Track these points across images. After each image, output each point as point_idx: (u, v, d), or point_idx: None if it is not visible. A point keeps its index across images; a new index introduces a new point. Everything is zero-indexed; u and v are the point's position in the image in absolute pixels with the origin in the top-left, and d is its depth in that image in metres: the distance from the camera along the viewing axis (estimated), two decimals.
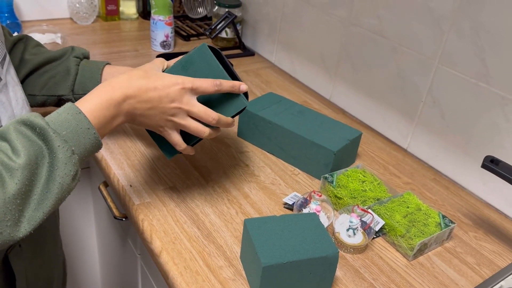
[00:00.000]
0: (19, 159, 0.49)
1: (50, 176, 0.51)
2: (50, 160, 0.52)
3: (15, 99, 0.64)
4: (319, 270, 0.64)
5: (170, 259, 0.69)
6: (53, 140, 0.52)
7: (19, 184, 0.48)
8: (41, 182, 0.51)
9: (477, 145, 0.90)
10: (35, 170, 0.50)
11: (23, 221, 0.49)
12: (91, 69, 0.82)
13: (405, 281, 0.71)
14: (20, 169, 0.48)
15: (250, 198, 0.83)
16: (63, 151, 0.52)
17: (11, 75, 0.65)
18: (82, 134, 0.55)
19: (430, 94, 0.97)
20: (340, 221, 0.77)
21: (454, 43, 0.90)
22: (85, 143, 0.55)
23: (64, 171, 0.52)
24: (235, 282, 0.66)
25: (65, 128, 0.53)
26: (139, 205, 0.78)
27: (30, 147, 0.50)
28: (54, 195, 0.52)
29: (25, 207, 0.50)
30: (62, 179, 0.52)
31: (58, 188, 0.52)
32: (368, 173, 0.88)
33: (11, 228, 0.48)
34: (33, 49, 0.83)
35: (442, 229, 0.76)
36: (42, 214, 0.51)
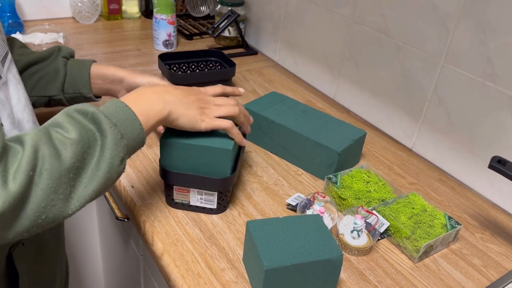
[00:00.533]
0: (71, 135, 0.52)
1: (101, 155, 0.54)
2: (101, 142, 0.54)
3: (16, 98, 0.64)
4: (323, 273, 0.63)
5: (172, 261, 0.68)
6: (104, 123, 0.55)
7: (73, 158, 0.50)
8: (93, 160, 0.53)
9: (483, 145, 0.89)
10: (87, 148, 0.53)
11: (73, 197, 0.51)
12: (79, 68, 0.83)
13: (411, 283, 0.70)
14: (74, 144, 0.51)
15: (253, 199, 0.82)
16: (114, 133, 0.55)
17: (13, 73, 0.65)
18: (129, 123, 0.58)
19: (436, 93, 0.95)
20: (344, 223, 0.75)
21: (459, 42, 0.89)
22: (132, 132, 0.58)
23: (114, 151, 0.55)
24: (237, 284, 0.65)
25: (114, 116, 0.57)
26: (141, 206, 0.77)
27: (82, 129, 0.53)
28: (104, 174, 0.54)
29: (77, 183, 0.52)
30: (112, 159, 0.55)
31: (107, 167, 0.54)
32: (372, 174, 0.87)
33: (62, 202, 0.50)
34: (19, 50, 0.83)
35: (448, 231, 0.75)
36: (92, 192, 0.53)
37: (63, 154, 0.50)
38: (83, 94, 0.83)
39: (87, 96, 0.84)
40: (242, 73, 1.29)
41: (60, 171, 0.49)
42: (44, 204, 0.48)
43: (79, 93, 0.83)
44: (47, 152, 0.49)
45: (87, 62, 0.84)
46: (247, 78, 1.28)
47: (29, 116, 0.67)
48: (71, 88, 0.82)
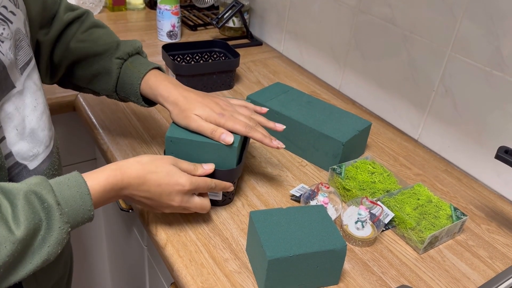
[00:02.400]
0: (18, 232, 0.49)
1: (39, 249, 0.52)
2: (43, 236, 0.52)
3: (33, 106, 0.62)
4: (326, 263, 0.63)
5: (175, 251, 0.68)
6: (55, 221, 0.53)
7: (9, 257, 0.48)
8: (29, 254, 0.51)
9: (490, 135, 0.88)
10: (28, 244, 0.50)
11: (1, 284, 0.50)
12: (133, 76, 0.76)
13: (415, 274, 0.69)
14: (16, 242, 0.48)
15: (256, 190, 0.82)
16: (61, 233, 0.53)
17: (33, 80, 0.63)
18: (82, 212, 0.56)
19: (442, 83, 0.94)
20: (348, 214, 0.75)
21: (467, 30, 0.87)
22: (81, 221, 0.57)
23: (53, 250, 0.53)
24: (240, 275, 0.65)
25: (69, 205, 0.55)
26: None
27: (32, 219, 0.50)
28: (35, 265, 0.52)
29: (4, 278, 0.50)
30: (49, 255, 0.53)
31: (41, 262, 0.52)
32: (377, 165, 0.86)
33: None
34: (82, 35, 0.79)
35: (454, 222, 0.74)
36: (18, 278, 0.51)
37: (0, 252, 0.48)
38: (134, 101, 0.79)
39: (138, 103, 0.78)
40: (246, 64, 1.29)
41: None
42: None
43: (128, 99, 0.79)
44: None
45: (142, 70, 0.76)
46: (251, 69, 1.27)
47: (45, 123, 0.65)
48: (122, 92, 0.78)
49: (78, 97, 1.03)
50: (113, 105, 1.01)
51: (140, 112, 1.00)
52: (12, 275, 0.50)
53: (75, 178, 0.57)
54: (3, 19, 0.55)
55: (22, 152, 0.61)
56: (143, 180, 0.63)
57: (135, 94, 0.77)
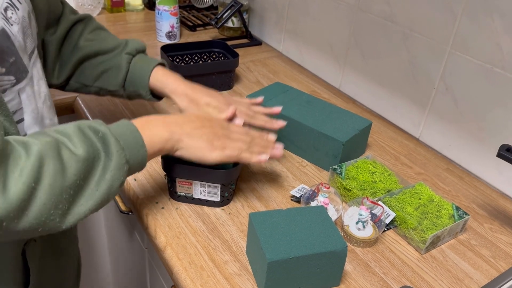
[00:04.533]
0: (79, 151, 0.51)
1: (103, 176, 0.54)
2: (104, 163, 0.54)
3: (38, 93, 0.64)
4: (327, 265, 0.62)
5: (175, 254, 0.67)
6: (113, 145, 0.55)
7: (76, 176, 0.50)
8: (94, 180, 0.53)
9: (492, 133, 0.87)
10: (90, 167, 0.52)
11: (70, 213, 0.51)
12: (141, 69, 0.80)
13: (417, 275, 0.68)
14: (79, 161, 0.51)
15: (256, 191, 0.81)
16: (120, 157, 0.55)
17: (37, 69, 0.65)
18: (136, 147, 0.58)
19: (443, 80, 0.93)
20: (349, 214, 0.74)
21: (467, 27, 0.86)
22: (137, 158, 0.58)
23: (116, 175, 0.55)
24: (240, 277, 0.65)
25: (123, 138, 0.57)
26: (143, 199, 0.76)
27: (89, 146, 0.53)
28: (102, 195, 0.54)
29: (76, 200, 0.51)
30: (113, 181, 0.54)
31: (107, 189, 0.54)
32: (378, 164, 0.85)
33: (60, 217, 0.50)
34: (89, 35, 0.82)
35: (456, 221, 0.73)
36: (87, 210, 0.53)
37: (68, 170, 0.50)
38: (142, 95, 0.81)
39: (146, 98, 0.81)
40: (246, 64, 1.28)
41: (62, 187, 0.49)
42: (44, 218, 0.48)
43: (138, 93, 0.81)
44: (53, 167, 0.48)
45: (151, 64, 0.80)
46: (251, 69, 1.26)
47: (47, 113, 0.67)
48: (131, 87, 0.81)
49: (77, 99, 1.03)
50: (112, 106, 1.01)
51: (139, 114, 0.99)
52: (81, 204, 0.52)
53: (122, 121, 0.60)
54: (11, 4, 0.57)
55: None
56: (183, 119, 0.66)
57: (144, 87, 0.80)
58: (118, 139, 0.56)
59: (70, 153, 0.51)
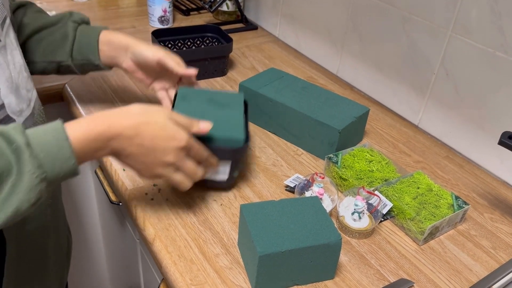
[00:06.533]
0: None
1: (9, 197, 0.47)
2: (15, 180, 0.48)
3: (12, 63, 0.62)
4: (321, 258, 0.60)
5: (164, 247, 0.65)
6: (25, 163, 0.48)
7: None
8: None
9: (493, 120, 0.84)
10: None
11: None
12: (89, 35, 0.79)
13: (415, 267, 0.66)
14: None
15: (249, 181, 0.79)
16: (31, 177, 0.48)
17: (10, 39, 0.63)
18: (60, 161, 0.51)
19: (443, 65, 0.90)
20: (344, 204, 0.72)
21: (468, 10, 0.83)
22: (61, 171, 0.51)
23: (25, 197, 0.48)
24: (232, 270, 0.63)
25: (45, 150, 0.49)
26: (132, 190, 0.74)
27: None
28: (5, 215, 0.48)
29: None
30: (20, 203, 0.48)
31: (12, 212, 0.48)
32: (375, 152, 0.83)
33: None
34: (33, 14, 0.81)
35: (455, 211, 0.71)
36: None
37: None
38: (91, 61, 0.79)
39: (95, 63, 0.79)
40: (241, 49, 1.24)
41: None
42: None
43: (87, 60, 0.79)
44: None
45: (98, 28, 0.79)
46: (246, 54, 1.23)
47: (24, 83, 0.65)
48: (79, 54, 0.79)
49: (65, 87, 1.00)
50: (102, 95, 0.98)
51: (129, 101, 0.96)
52: None
53: (54, 124, 0.52)
54: None
55: (12, 106, 0.61)
56: (135, 131, 0.56)
57: (93, 52, 0.78)
58: (34, 153, 0.48)
59: None
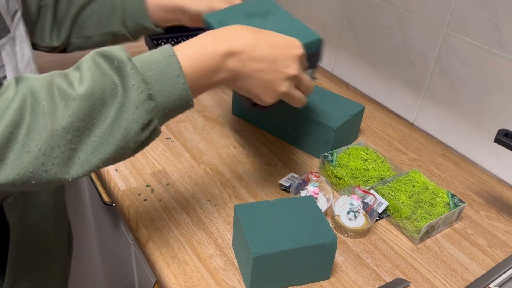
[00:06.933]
0: (80, 88, 0.43)
1: (117, 118, 0.44)
2: (121, 100, 0.44)
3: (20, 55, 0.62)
4: (316, 258, 0.59)
5: (157, 248, 0.64)
6: (129, 77, 0.44)
7: (72, 117, 0.42)
8: (105, 122, 0.44)
9: (489, 117, 0.83)
10: (98, 105, 0.43)
11: (75, 162, 0.43)
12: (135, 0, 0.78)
13: (411, 266, 0.66)
14: (77, 99, 0.42)
15: (244, 181, 0.78)
16: (137, 92, 0.44)
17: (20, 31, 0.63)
18: (169, 80, 0.46)
19: (439, 62, 0.89)
20: (340, 204, 0.71)
21: (464, 6, 0.82)
22: (171, 92, 0.46)
23: (132, 116, 0.44)
24: (226, 272, 0.62)
25: (151, 68, 0.45)
26: (125, 190, 0.73)
27: (99, 79, 0.43)
28: (116, 142, 0.44)
29: (80, 147, 0.43)
30: (129, 124, 0.44)
31: (121, 134, 0.44)
32: (371, 151, 0.82)
33: (58, 167, 0.42)
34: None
35: (451, 210, 0.70)
36: (99, 160, 0.44)
37: (59, 110, 0.42)
38: (145, 26, 0.78)
39: (149, 28, 0.78)
40: None
41: (51, 131, 0.41)
42: (31, 169, 0.41)
43: (141, 26, 0.78)
44: (39, 108, 0.41)
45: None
46: None
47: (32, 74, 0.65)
48: (131, 21, 0.78)
49: None
50: None
51: None
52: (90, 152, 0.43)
53: (162, 46, 0.48)
54: None
55: None
56: (253, 39, 0.51)
57: (143, 16, 0.77)
58: (138, 68, 0.44)
59: (67, 90, 0.42)
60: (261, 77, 0.53)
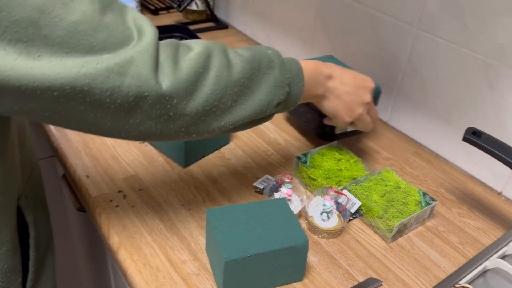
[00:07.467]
0: (244, 53, 0.56)
1: (268, 87, 0.56)
2: (275, 76, 0.57)
3: None
4: (288, 260, 0.60)
5: (129, 255, 0.63)
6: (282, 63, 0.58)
7: (241, 74, 0.53)
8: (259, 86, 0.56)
9: (460, 115, 0.85)
10: (256, 70, 0.55)
11: (231, 112, 0.54)
12: None
13: (383, 265, 0.66)
14: (244, 61, 0.54)
15: (219, 184, 0.78)
16: (285, 75, 0.58)
17: None
18: (297, 81, 0.60)
19: (410, 62, 0.90)
20: (313, 205, 0.71)
21: (434, 6, 0.83)
22: (294, 88, 0.60)
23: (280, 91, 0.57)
24: (199, 277, 0.61)
25: (290, 66, 0.60)
26: (97, 197, 0.72)
27: (258, 53, 0.57)
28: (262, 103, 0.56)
29: (239, 100, 0.54)
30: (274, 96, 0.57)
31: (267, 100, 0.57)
32: (344, 151, 0.82)
33: (221, 112, 0.53)
34: None
35: (423, 208, 0.71)
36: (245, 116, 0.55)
37: (233, 67, 0.53)
38: None
39: None
40: None
41: (227, 82, 0.52)
42: (208, 107, 0.51)
43: None
44: (219, 61, 0.51)
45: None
46: None
47: None
48: None
49: None
50: None
51: None
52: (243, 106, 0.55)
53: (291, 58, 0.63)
54: None
55: None
56: (341, 74, 0.67)
57: None
58: (284, 61, 0.59)
59: (236, 53, 0.54)
60: (346, 99, 0.68)
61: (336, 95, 0.67)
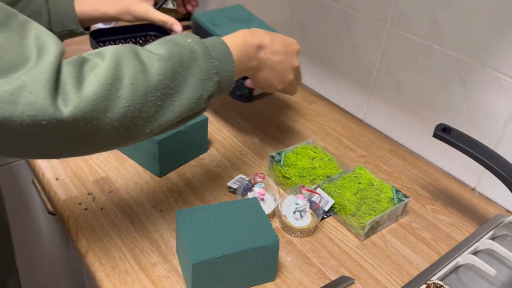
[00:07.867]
0: (160, 51, 0.49)
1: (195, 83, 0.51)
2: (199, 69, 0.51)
3: None
4: (259, 260, 0.59)
5: (97, 259, 0.62)
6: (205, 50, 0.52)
7: (161, 75, 0.47)
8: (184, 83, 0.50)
9: (433, 112, 0.85)
10: (178, 67, 0.49)
11: (157, 118, 0.48)
12: (63, 4, 0.79)
13: (356, 263, 0.66)
14: (162, 60, 0.48)
15: (192, 184, 0.77)
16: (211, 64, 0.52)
17: None
18: (225, 63, 0.54)
19: (383, 60, 0.90)
20: (287, 203, 0.71)
21: (405, 3, 0.83)
22: (225, 72, 0.54)
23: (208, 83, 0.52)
24: (169, 279, 0.60)
25: (215, 50, 0.53)
26: (65, 200, 0.70)
27: (175, 47, 0.50)
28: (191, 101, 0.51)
29: (164, 104, 0.48)
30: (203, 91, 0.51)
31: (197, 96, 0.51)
32: (319, 149, 0.82)
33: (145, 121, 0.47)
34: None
35: (395, 205, 0.71)
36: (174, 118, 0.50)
37: (150, 69, 0.47)
38: (73, 30, 0.80)
39: (78, 31, 0.81)
40: None
41: (146, 87, 0.46)
42: (127, 120, 0.45)
43: (69, 30, 0.80)
44: (132, 67, 0.46)
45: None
46: None
47: None
48: (60, 26, 0.79)
49: None
50: None
51: None
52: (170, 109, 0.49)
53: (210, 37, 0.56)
54: None
55: None
56: (271, 41, 0.63)
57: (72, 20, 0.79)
58: (208, 48, 0.53)
59: (150, 53, 0.48)
60: (279, 68, 0.64)
61: (269, 65, 0.63)
